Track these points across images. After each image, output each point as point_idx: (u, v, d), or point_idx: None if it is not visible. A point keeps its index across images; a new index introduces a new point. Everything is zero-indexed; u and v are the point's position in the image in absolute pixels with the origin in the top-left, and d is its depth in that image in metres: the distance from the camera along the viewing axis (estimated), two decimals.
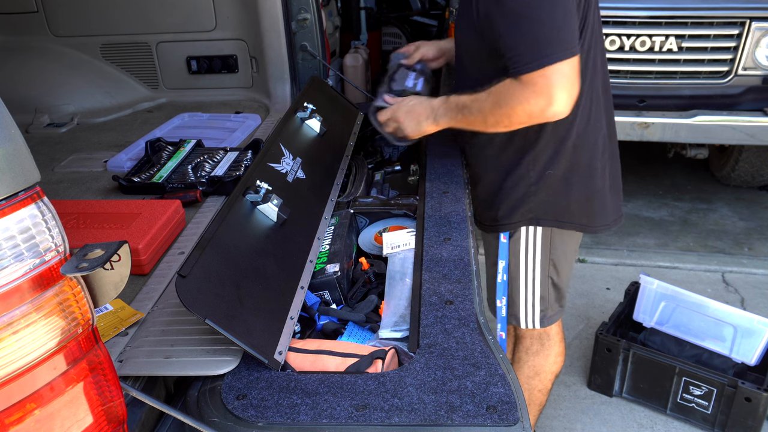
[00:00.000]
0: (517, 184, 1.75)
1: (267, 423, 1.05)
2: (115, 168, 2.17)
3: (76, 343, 0.86)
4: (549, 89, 1.47)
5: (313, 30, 2.76)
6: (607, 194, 1.82)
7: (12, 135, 0.80)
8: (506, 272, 1.86)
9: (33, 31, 2.93)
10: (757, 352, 2.40)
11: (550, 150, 1.70)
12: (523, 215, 1.78)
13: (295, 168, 1.77)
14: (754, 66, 3.24)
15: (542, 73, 1.46)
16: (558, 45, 1.46)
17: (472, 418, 1.03)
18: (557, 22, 1.47)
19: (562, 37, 1.47)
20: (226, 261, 1.29)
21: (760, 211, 4.24)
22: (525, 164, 1.72)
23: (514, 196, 1.76)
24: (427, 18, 6.25)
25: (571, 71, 1.48)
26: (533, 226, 1.80)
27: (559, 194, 1.75)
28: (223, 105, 2.83)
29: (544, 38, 1.46)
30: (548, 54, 1.45)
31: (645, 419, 2.57)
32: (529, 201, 1.76)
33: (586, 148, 1.73)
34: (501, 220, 1.81)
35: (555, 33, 1.46)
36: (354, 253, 1.71)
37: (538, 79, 1.47)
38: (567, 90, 1.48)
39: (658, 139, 3.39)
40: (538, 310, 1.92)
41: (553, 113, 1.50)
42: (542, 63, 1.45)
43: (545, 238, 1.81)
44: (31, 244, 0.81)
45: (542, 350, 2.03)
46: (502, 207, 1.79)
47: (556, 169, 1.72)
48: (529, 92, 1.49)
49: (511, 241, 1.83)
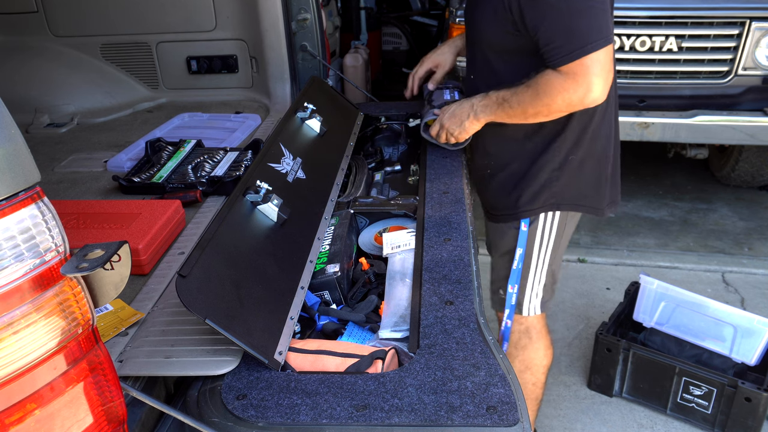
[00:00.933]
0: (542, 169, 1.80)
1: (267, 423, 1.05)
2: (115, 168, 2.17)
3: (76, 343, 0.86)
4: (587, 78, 1.55)
5: (313, 30, 2.76)
6: (609, 181, 1.90)
7: (12, 135, 0.80)
8: (522, 260, 1.90)
9: (33, 31, 2.93)
10: (757, 352, 2.40)
11: (574, 137, 1.77)
12: (546, 201, 1.83)
13: (295, 168, 1.77)
14: (754, 66, 3.24)
15: (580, 62, 1.54)
16: (594, 34, 1.53)
17: (472, 418, 1.03)
18: (591, 12, 1.54)
19: (597, 26, 1.54)
20: (226, 261, 1.29)
21: (760, 211, 4.24)
22: (552, 151, 1.78)
23: (538, 182, 1.81)
24: (427, 18, 6.25)
25: (606, 58, 1.56)
26: (552, 211, 1.85)
27: (576, 178, 1.82)
28: (223, 105, 2.83)
29: (579, 29, 1.53)
30: (585, 44, 1.53)
31: (645, 419, 2.57)
32: (552, 186, 1.81)
33: (601, 137, 1.81)
34: (522, 207, 1.84)
35: (590, 22, 1.53)
36: (354, 253, 1.71)
37: (577, 69, 1.55)
38: (603, 77, 1.57)
39: (658, 139, 3.39)
40: (540, 296, 1.97)
41: (591, 100, 1.60)
42: (579, 53, 1.53)
43: (561, 224, 1.87)
44: (31, 245, 0.81)
45: (531, 344, 2.05)
46: (525, 193, 1.83)
47: (577, 154, 1.79)
48: (569, 82, 1.57)
49: (530, 228, 1.87)
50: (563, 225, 1.89)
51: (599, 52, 1.54)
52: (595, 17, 1.54)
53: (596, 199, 1.88)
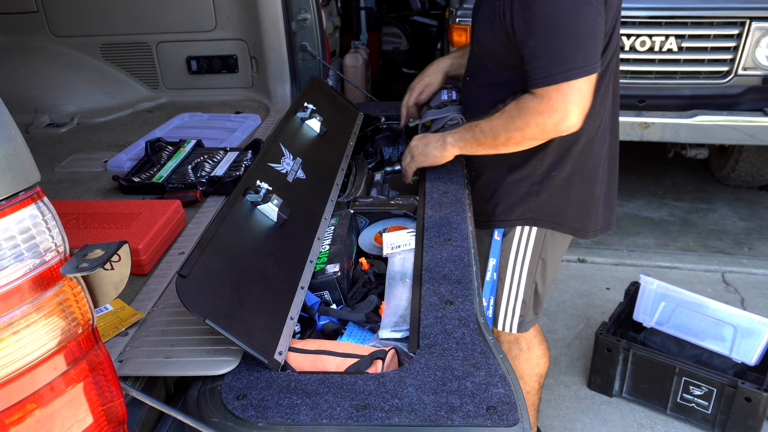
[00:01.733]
0: (520, 181, 1.75)
1: (267, 423, 1.05)
2: (115, 168, 2.17)
3: (76, 344, 0.86)
4: (564, 105, 1.49)
5: (313, 30, 2.76)
6: (601, 201, 1.83)
7: (12, 135, 0.80)
8: (496, 271, 1.85)
9: (33, 31, 2.93)
10: (757, 352, 2.40)
11: (559, 152, 1.70)
12: (522, 214, 1.78)
13: (295, 168, 1.77)
14: (754, 66, 3.24)
15: (558, 88, 1.48)
16: (578, 61, 1.47)
17: (472, 418, 1.03)
18: (580, 38, 1.47)
19: (583, 54, 1.48)
20: (226, 261, 1.29)
21: (760, 211, 4.24)
22: (532, 163, 1.72)
23: (516, 194, 1.76)
24: (427, 18, 6.25)
25: (587, 88, 1.49)
26: (529, 226, 1.79)
27: (559, 196, 1.75)
28: (223, 105, 2.83)
29: (564, 54, 1.47)
30: (567, 70, 1.46)
31: (645, 419, 2.57)
32: (530, 200, 1.76)
33: (592, 153, 1.74)
34: (498, 216, 1.80)
35: (576, 49, 1.47)
36: (354, 253, 1.71)
37: (553, 94, 1.49)
38: (581, 106, 1.50)
39: (658, 139, 3.40)
40: (518, 314, 1.90)
41: (566, 127, 1.53)
42: (560, 78, 1.47)
43: (538, 240, 1.81)
44: (31, 245, 0.81)
45: (521, 354, 2.02)
46: (501, 203, 1.79)
47: (561, 171, 1.72)
48: (544, 106, 1.51)
49: (504, 239, 1.82)
50: (542, 242, 1.81)
51: (581, 80, 1.47)
52: (584, 43, 1.48)
53: (581, 220, 1.81)
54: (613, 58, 1.70)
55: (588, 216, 1.81)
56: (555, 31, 1.47)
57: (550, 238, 1.82)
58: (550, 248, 1.84)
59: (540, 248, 1.82)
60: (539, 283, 1.88)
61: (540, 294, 1.92)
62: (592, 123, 1.69)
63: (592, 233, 1.84)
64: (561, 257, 1.92)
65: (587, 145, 1.72)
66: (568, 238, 1.87)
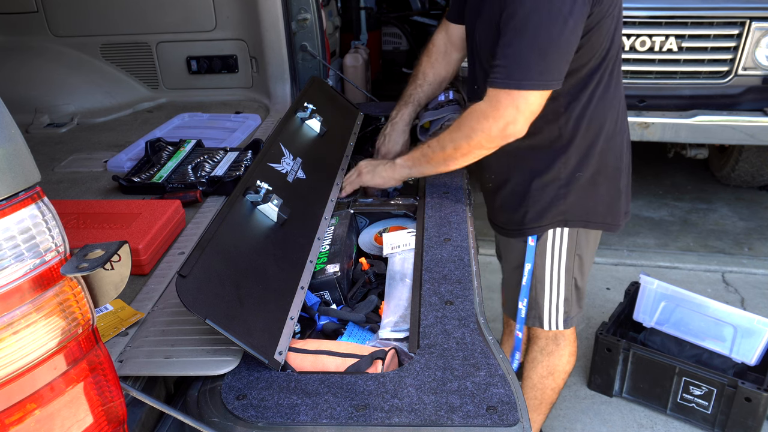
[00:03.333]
0: (546, 186, 1.75)
1: (267, 423, 1.05)
2: (115, 168, 2.17)
3: (76, 344, 0.86)
4: (511, 111, 1.51)
5: (313, 30, 2.76)
6: (623, 193, 1.86)
7: (12, 135, 0.80)
8: (531, 275, 1.86)
9: (33, 31, 2.93)
10: (757, 352, 2.40)
11: (581, 152, 1.71)
12: (553, 218, 1.78)
13: (295, 168, 1.77)
14: (754, 66, 3.24)
15: (509, 93, 1.50)
16: (537, 74, 1.48)
17: (472, 418, 1.03)
18: (547, 51, 1.48)
19: (545, 67, 1.49)
20: (226, 261, 1.29)
21: (760, 211, 4.24)
22: (556, 167, 1.73)
23: (544, 199, 1.76)
24: (427, 18, 6.25)
25: (537, 102, 1.52)
26: (560, 227, 1.80)
27: (587, 195, 1.77)
28: (223, 105, 2.83)
29: (527, 61, 1.48)
30: (523, 78, 1.48)
31: (645, 419, 2.57)
32: (559, 203, 1.76)
33: (613, 150, 1.76)
34: (529, 224, 1.79)
35: (540, 60, 1.48)
36: (354, 253, 1.71)
37: (503, 98, 1.51)
38: (526, 116, 1.53)
39: (658, 139, 3.39)
40: (561, 311, 1.91)
41: (510, 133, 1.56)
42: (513, 85, 1.49)
43: (572, 239, 1.82)
44: (31, 245, 0.81)
45: (557, 350, 2.03)
46: (530, 210, 1.78)
47: (585, 171, 1.74)
48: (492, 110, 1.53)
49: (538, 243, 1.82)
50: (575, 240, 1.82)
51: (534, 93, 1.49)
52: (549, 57, 1.48)
53: (610, 215, 1.82)
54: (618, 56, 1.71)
55: (617, 209, 1.84)
56: (525, 38, 1.47)
57: (584, 235, 1.84)
58: (584, 244, 1.85)
59: (575, 246, 1.84)
60: (578, 278, 1.90)
61: (580, 288, 1.93)
62: (610, 118, 1.71)
63: (621, 225, 1.87)
64: (595, 249, 1.94)
65: (608, 142, 1.74)
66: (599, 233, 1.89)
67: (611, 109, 1.71)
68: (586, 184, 1.75)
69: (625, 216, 1.88)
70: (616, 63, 1.69)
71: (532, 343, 2.08)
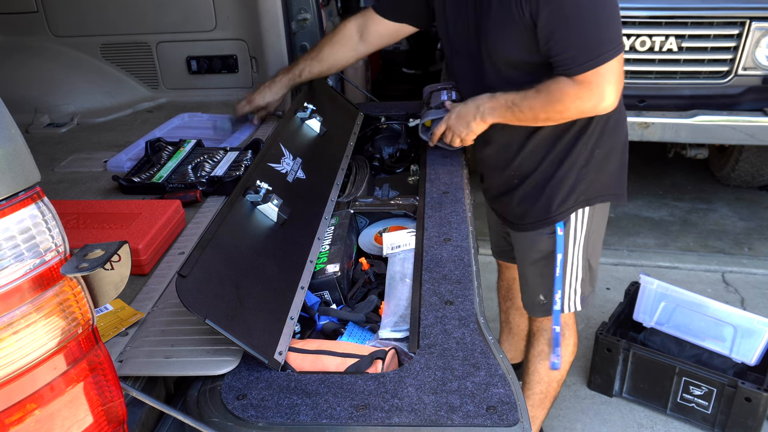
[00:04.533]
0: (570, 170, 1.80)
1: (267, 423, 1.05)
2: (115, 168, 2.17)
3: (76, 343, 0.86)
4: (601, 87, 1.58)
5: (313, 30, 2.75)
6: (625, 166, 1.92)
7: (12, 135, 0.80)
8: (562, 265, 1.87)
9: (33, 31, 2.93)
10: (757, 352, 2.40)
11: (598, 130, 1.78)
12: (576, 199, 1.82)
13: (295, 168, 1.77)
14: (754, 66, 3.24)
15: (595, 71, 1.57)
16: (607, 44, 1.55)
17: (472, 418, 1.03)
18: (604, 21, 1.56)
19: (610, 36, 1.56)
20: (226, 261, 1.29)
21: (760, 211, 4.24)
22: (578, 149, 1.78)
23: (567, 184, 1.80)
24: None
25: (619, 66, 1.59)
26: (582, 207, 1.83)
27: (602, 170, 1.83)
28: (223, 105, 2.83)
29: (593, 39, 1.56)
30: (600, 54, 1.55)
31: (645, 419, 2.57)
32: (580, 184, 1.81)
33: (621, 124, 1.85)
34: (555, 211, 1.82)
35: (603, 32, 1.56)
36: (354, 253, 1.71)
37: (592, 78, 1.57)
38: (616, 85, 1.60)
39: (658, 139, 3.39)
40: (578, 293, 1.94)
41: (604, 107, 1.63)
42: (594, 63, 1.55)
43: (590, 218, 1.86)
44: (31, 244, 0.81)
45: (563, 341, 2.03)
46: (556, 198, 1.81)
47: (603, 147, 1.80)
48: (583, 91, 1.59)
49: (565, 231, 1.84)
50: (592, 218, 1.87)
51: (613, 61, 1.56)
52: (610, 25, 1.56)
53: (619, 186, 1.90)
54: None
55: (622, 181, 1.91)
56: (582, 20, 1.55)
57: (599, 211, 1.89)
58: (597, 222, 1.90)
59: (590, 225, 1.87)
60: (592, 259, 1.93)
61: (593, 267, 1.96)
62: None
63: (625, 196, 1.93)
64: (605, 226, 1.97)
65: (618, 117, 1.81)
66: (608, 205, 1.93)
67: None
68: (602, 159, 1.81)
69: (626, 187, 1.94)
70: None
71: (539, 336, 2.07)
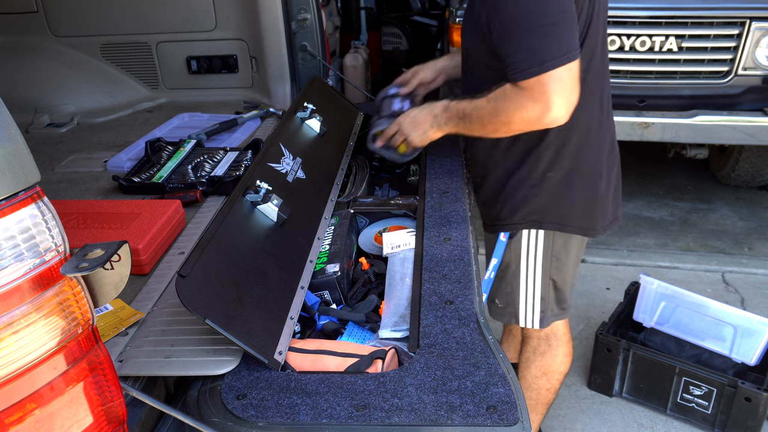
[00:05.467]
0: (519, 184, 1.74)
1: (267, 423, 1.05)
2: (115, 168, 2.17)
3: (76, 343, 0.86)
4: (546, 96, 1.46)
5: (313, 30, 2.76)
6: (609, 197, 1.81)
7: (12, 135, 0.80)
8: (495, 271, 1.86)
9: (33, 31, 2.93)
10: (757, 352, 2.40)
11: (551, 151, 1.68)
12: (525, 217, 1.77)
13: (295, 168, 1.77)
14: (754, 66, 3.24)
15: (539, 80, 1.45)
16: (555, 51, 1.45)
17: (472, 418, 1.03)
18: (553, 27, 1.46)
19: (559, 43, 1.45)
20: (226, 261, 1.29)
21: (760, 211, 4.24)
22: (527, 165, 1.71)
23: (517, 197, 1.76)
24: (427, 18, 6.25)
25: (569, 76, 1.47)
26: (535, 229, 1.78)
27: (560, 197, 1.74)
28: (223, 105, 2.83)
29: (539, 44, 1.45)
30: (543, 61, 1.44)
31: (645, 419, 2.57)
32: (531, 203, 1.75)
33: (591, 150, 1.72)
34: (503, 221, 1.80)
35: (551, 39, 1.45)
36: (354, 253, 1.71)
37: (534, 86, 1.46)
38: (564, 96, 1.47)
39: (658, 139, 3.39)
40: (538, 310, 1.91)
41: (551, 120, 1.50)
42: (539, 70, 1.45)
43: (547, 241, 1.80)
44: (31, 244, 0.81)
45: (549, 350, 2.03)
46: (505, 207, 1.79)
47: (556, 172, 1.70)
48: (526, 99, 1.49)
49: (511, 241, 1.82)
50: (552, 242, 1.80)
51: (560, 69, 1.44)
52: (556, 32, 1.46)
53: (589, 219, 1.79)
54: (602, 52, 1.68)
55: (594, 215, 1.79)
56: (525, 25, 1.46)
57: (561, 238, 1.81)
58: (562, 247, 1.83)
59: (551, 247, 1.82)
60: (557, 280, 1.87)
61: (561, 289, 1.91)
62: (583, 119, 1.66)
63: (601, 230, 1.82)
64: (579, 254, 1.90)
65: (582, 142, 1.69)
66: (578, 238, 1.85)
67: (585, 108, 1.65)
68: (561, 184, 1.72)
69: (612, 222, 1.84)
70: (592, 61, 1.65)
71: (525, 343, 2.08)
